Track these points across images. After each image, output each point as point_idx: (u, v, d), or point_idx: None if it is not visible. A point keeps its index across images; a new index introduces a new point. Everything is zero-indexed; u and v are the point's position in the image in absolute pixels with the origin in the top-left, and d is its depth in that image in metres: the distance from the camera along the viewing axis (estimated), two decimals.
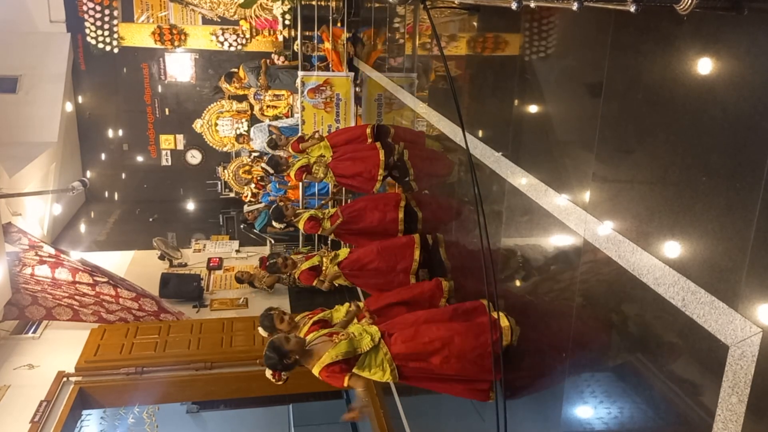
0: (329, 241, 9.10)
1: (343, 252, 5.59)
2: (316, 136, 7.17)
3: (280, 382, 3.95)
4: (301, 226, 6.15)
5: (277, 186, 10.55)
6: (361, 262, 5.33)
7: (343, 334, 3.79)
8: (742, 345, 1.89)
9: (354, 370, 3.70)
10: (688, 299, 2.11)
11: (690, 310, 2.10)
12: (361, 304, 4.76)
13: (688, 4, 1.97)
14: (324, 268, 5.52)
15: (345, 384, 3.65)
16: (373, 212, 5.83)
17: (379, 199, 6.05)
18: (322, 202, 8.28)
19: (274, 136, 7.78)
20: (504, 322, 3.68)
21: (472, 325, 3.78)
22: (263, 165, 7.17)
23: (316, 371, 3.72)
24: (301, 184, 8.75)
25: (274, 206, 6.43)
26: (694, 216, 2.13)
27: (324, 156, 6.60)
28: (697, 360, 2.14)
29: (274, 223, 6.44)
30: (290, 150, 7.15)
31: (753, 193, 1.87)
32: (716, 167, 2.04)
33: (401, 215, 5.71)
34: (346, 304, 4.81)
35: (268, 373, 3.88)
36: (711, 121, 2.07)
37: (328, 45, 9.56)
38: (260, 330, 4.61)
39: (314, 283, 5.53)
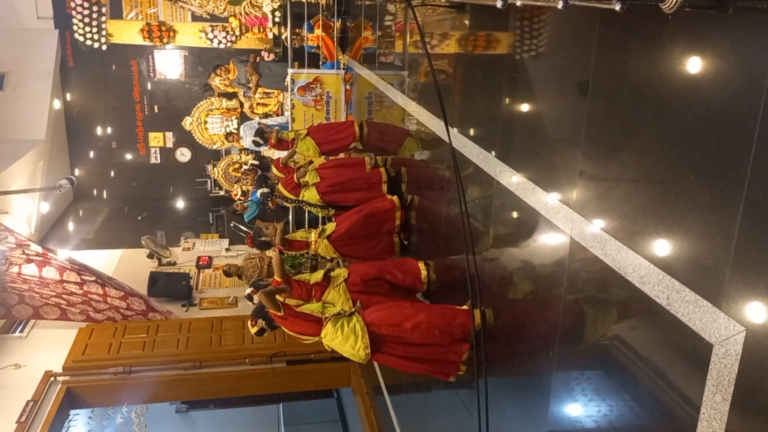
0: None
1: (330, 226, 5.81)
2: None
3: (255, 329, 4.53)
4: (281, 188, 6.60)
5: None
6: (350, 233, 5.62)
7: (317, 303, 4.33)
8: (726, 343, 1.90)
9: (324, 338, 4.04)
10: (672, 298, 2.11)
11: (674, 309, 2.10)
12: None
13: (673, 2, 1.97)
14: (312, 241, 5.67)
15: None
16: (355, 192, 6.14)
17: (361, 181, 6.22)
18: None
19: (261, 125, 7.82)
20: (477, 318, 3.85)
21: (441, 307, 4.07)
22: (254, 138, 7.31)
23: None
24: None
25: (259, 175, 6.70)
26: (679, 214, 2.14)
27: (309, 152, 6.78)
28: (682, 358, 2.15)
29: (258, 192, 6.86)
30: (271, 143, 7.28)
31: (737, 192, 1.87)
32: (701, 166, 2.04)
33: (389, 197, 5.92)
34: (325, 268, 5.23)
35: (249, 324, 4.48)
36: (696, 119, 2.07)
37: (318, 32, 9.56)
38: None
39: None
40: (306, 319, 4.12)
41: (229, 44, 11.78)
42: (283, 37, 10.93)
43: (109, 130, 12.24)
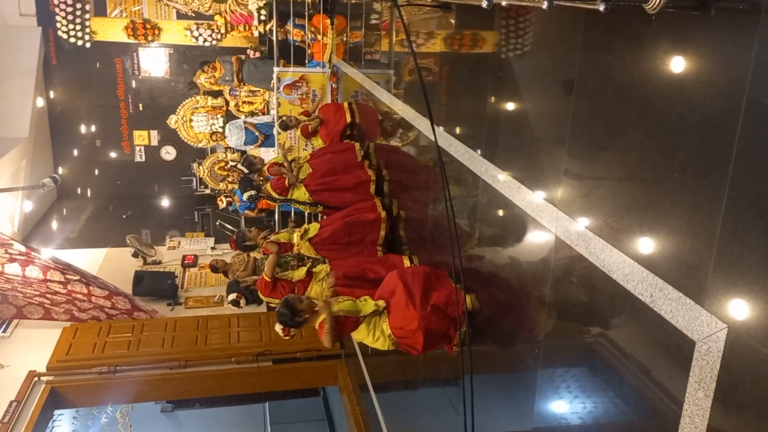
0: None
1: (314, 227, 5.83)
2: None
3: (287, 338, 4.37)
4: (264, 168, 6.61)
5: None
6: (332, 238, 5.63)
7: (348, 297, 4.12)
8: (708, 341, 1.92)
9: (356, 335, 3.98)
10: (656, 295, 2.14)
11: (658, 306, 2.12)
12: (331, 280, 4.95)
13: (657, 3, 1.99)
14: (295, 243, 5.71)
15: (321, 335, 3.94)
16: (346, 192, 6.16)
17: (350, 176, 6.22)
18: None
19: (285, 118, 7.78)
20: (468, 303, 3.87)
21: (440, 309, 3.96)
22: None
23: (316, 324, 4.00)
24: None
25: (244, 157, 6.71)
26: (662, 213, 2.16)
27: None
28: (666, 355, 2.17)
29: (244, 196, 6.79)
30: (299, 133, 7.35)
31: (718, 191, 1.90)
32: (684, 165, 2.07)
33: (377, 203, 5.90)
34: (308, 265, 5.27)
35: (278, 327, 4.18)
36: (679, 119, 2.09)
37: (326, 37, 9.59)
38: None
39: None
40: (346, 323, 4.05)
41: (214, 42, 11.73)
42: (268, 27, 10.90)
43: (93, 128, 12.14)
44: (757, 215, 1.78)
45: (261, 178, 6.73)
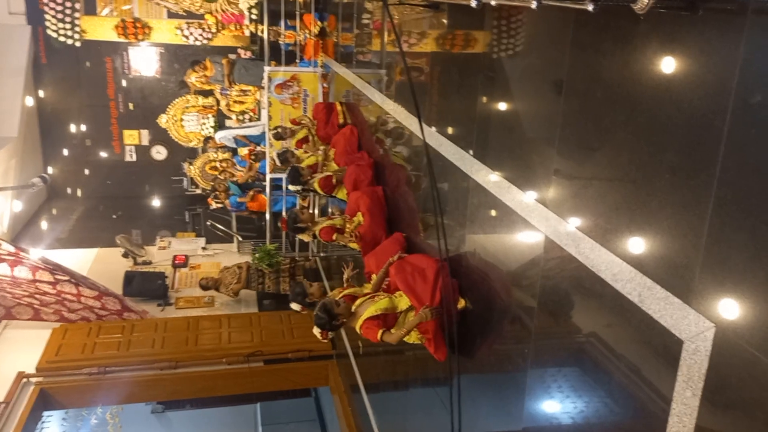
0: (297, 240, 9.05)
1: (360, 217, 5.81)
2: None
3: (325, 341, 4.33)
4: (316, 185, 6.48)
5: (237, 200, 10.67)
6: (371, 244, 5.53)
7: (383, 295, 4.15)
8: (695, 340, 1.93)
9: (393, 330, 3.98)
10: (644, 295, 2.14)
11: (646, 306, 2.13)
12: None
13: (645, 3, 1.99)
14: (345, 227, 5.70)
15: (378, 338, 3.91)
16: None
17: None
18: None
19: (280, 130, 7.81)
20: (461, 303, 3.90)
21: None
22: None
23: (357, 326, 4.02)
24: (268, 198, 9.31)
25: (290, 168, 6.69)
26: (651, 213, 2.17)
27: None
28: (654, 354, 2.18)
29: (290, 187, 6.75)
30: (294, 145, 7.46)
31: (706, 191, 1.91)
32: (672, 165, 2.08)
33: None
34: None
35: (316, 330, 4.14)
36: (667, 119, 2.10)
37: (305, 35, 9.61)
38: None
39: (333, 238, 5.77)
40: (386, 320, 4.08)
41: (205, 41, 11.69)
42: (260, 30, 10.91)
43: (83, 127, 12.08)
44: (745, 215, 1.78)
45: (308, 175, 6.69)
